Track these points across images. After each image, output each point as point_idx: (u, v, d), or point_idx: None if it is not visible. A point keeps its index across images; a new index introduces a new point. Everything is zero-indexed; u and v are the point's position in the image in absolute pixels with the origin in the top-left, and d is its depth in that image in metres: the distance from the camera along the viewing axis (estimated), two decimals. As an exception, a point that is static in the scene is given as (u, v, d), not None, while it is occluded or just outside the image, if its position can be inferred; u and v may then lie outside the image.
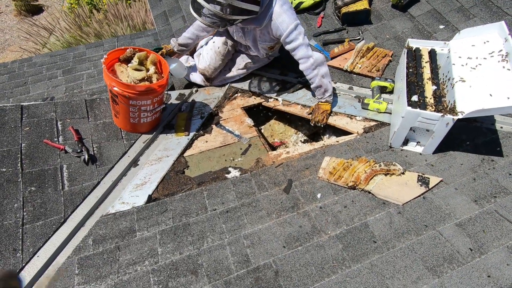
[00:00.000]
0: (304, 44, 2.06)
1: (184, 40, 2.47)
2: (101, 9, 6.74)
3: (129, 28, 6.25)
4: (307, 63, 2.10)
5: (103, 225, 1.66)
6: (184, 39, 2.47)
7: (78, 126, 2.06)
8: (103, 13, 6.67)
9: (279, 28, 2.01)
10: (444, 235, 1.51)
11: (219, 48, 2.42)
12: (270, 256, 1.50)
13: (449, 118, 1.64)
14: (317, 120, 2.23)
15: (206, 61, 2.47)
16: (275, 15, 1.98)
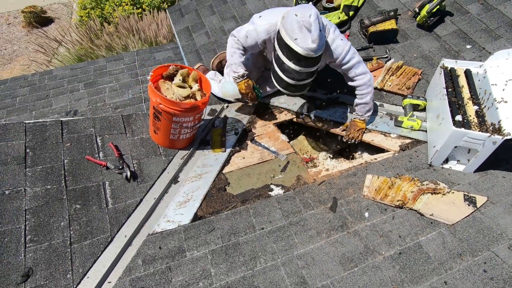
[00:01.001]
0: (361, 60, 2.12)
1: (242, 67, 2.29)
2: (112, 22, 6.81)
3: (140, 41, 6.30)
4: (365, 79, 2.13)
5: (151, 244, 1.63)
6: (241, 66, 2.28)
7: (116, 142, 2.05)
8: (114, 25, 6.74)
9: (334, 53, 2.04)
10: (500, 256, 1.51)
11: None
12: (327, 278, 1.48)
13: (497, 138, 1.66)
14: (352, 137, 2.25)
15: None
16: (330, 42, 2.02)
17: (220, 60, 2.85)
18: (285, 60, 1.86)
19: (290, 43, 1.78)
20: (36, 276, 1.43)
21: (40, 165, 1.77)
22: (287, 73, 1.91)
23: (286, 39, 1.79)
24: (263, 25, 2.04)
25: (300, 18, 1.75)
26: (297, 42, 1.75)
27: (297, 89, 2.01)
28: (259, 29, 2.05)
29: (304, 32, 1.75)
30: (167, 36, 6.11)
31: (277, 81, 2.02)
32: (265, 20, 2.06)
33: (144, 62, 3.81)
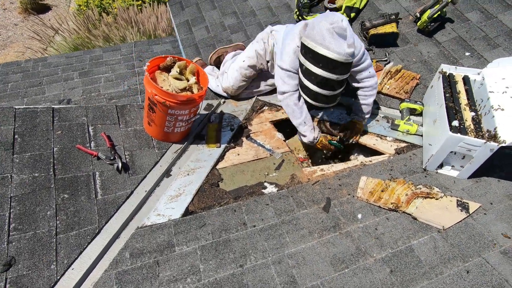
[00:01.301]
0: (371, 63, 2.10)
1: (317, 129, 2.22)
2: (111, 13, 6.72)
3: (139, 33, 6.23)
4: (373, 81, 2.12)
5: (140, 237, 1.60)
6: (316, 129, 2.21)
7: (109, 132, 2.01)
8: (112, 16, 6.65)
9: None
10: (490, 263, 1.51)
11: (246, 71, 2.41)
12: (318, 278, 1.46)
13: (493, 145, 1.66)
14: (350, 137, 2.23)
15: (230, 81, 2.46)
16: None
17: (218, 56, 2.82)
18: (318, 72, 1.77)
19: (324, 52, 1.70)
20: (18, 265, 1.38)
21: (28, 152, 1.72)
22: (322, 84, 1.83)
23: (318, 49, 1.71)
24: (287, 54, 1.96)
25: (331, 25, 1.71)
26: (332, 49, 1.69)
27: (331, 99, 1.94)
28: (289, 62, 1.96)
29: (336, 38, 1.70)
30: (166, 30, 6.05)
31: (309, 96, 1.92)
32: (284, 49, 1.99)
33: (141, 54, 3.75)
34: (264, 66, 2.45)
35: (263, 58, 2.39)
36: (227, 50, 2.82)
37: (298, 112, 2.10)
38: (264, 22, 3.26)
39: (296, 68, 1.99)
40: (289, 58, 1.97)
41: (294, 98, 2.07)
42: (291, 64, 1.97)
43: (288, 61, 1.97)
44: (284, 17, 3.24)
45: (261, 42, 2.35)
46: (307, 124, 2.13)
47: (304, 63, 1.83)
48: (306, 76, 1.87)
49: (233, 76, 2.45)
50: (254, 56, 2.38)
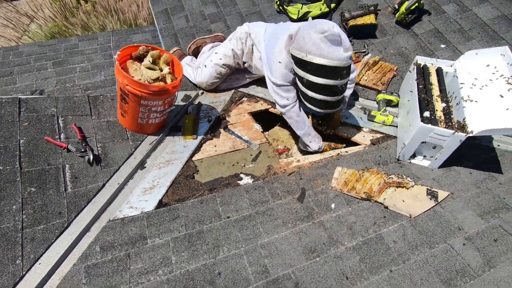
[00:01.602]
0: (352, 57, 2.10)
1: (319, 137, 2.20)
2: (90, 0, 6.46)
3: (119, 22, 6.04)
4: (353, 74, 2.14)
5: (111, 230, 1.57)
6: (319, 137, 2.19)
7: (80, 124, 1.95)
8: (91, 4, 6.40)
9: None
10: (455, 249, 1.56)
11: (222, 68, 2.37)
12: (289, 267, 1.48)
13: (461, 135, 1.71)
14: (327, 128, 2.25)
15: (205, 77, 2.42)
16: None
17: (197, 46, 2.76)
18: (323, 81, 1.76)
19: (324, 61, 1.69)
20: (-19, 261, 1.34)
21: (-8, 144, 1.65)
22: (329, 92, 1.81)
23: (317, 61, 1.69)
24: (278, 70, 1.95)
25: (322, 34, 1.69)
26: (331, 57, 1.68)
27: (339, 103, 1.92)
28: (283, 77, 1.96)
29: (331, 45, 1.69)
30: (147, 19, 5.88)
31: (318, 106, 1.90)
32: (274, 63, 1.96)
33: (119, 43, 3.64)
34: (240, 65, 2.41)
35: (240, 58, 2.35)
36: (206, 40, 2.76)
37: (302, 123, 2.11)
38: (244, 11, 3.21)
39: (289, 81, 1.98)
40: (280, 73, 1.96)
41: (296, 109, 2.07)
42: (284, 78, 1.97)
43: (280, 76, 1.96)
44: (265, 6, 3.20)
45: (239, 42, 2.29)
46: (311, 134, 2.13)
47: (305, 76, 1.80)
48: (310, 88, 1.84)
49: (207, 72, 2.41)
50: (231, 55, 2.33)
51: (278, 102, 2.07)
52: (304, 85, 1.86)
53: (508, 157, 2.04)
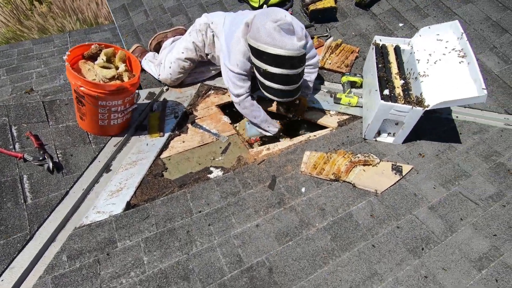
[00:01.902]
0: (312, 42, 2.13)
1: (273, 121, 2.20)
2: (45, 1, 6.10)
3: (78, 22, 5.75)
4: (315, 59, 2.17)
5: (78, 238, 1.52)
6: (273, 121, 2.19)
7: (37, 131, 1.85)
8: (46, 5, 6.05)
9: None
10: (420, 218, 1.63)
11: (185, 63, 2.31)
12: (262, 254, 1.50)
13: (419, 110, 1.77)
14: (295, 114, 2.26)
15: (168, 73, 2.36)
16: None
17: (158, 41, 2.68)
18: (279, 71, 1.76)
19: (278, 51, 1.69)
20: None
21: None
22: (285, 82, 1.82)
23: (271, 50, 1.69)
24: (236, 58, 1.92)
25: (276, 23, 1.69)
26: (285, 47, 1.68)
27: (296, 91, 1.94)
28: (240, 65, 1.93)
29: (285, 35, 1.69)
30: (108, 17, 5.64)
31: (275, 95, 1.91)
32: (232, 51, 1.94)
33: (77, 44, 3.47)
34: (204, 58, 2.37)
35: (202, 50, 2.30)
36: (167, 35, 2.69)
37: (257, 111, 2.11)
38: (205, 2, 3.14)
39: (246, 69, 1.97)
40: (238, 61, 1.93)
41: (250, 99, 2.07)
42: (242, 67, 1.95)
43: (238, 64, 1.94)
44: (226, -4, 3.13)
45: (199, 34, 2.24)
46: (268, 120, 2.14)
47: (262, 66, 1.80)
48: (266, 78, 1.85)
49: (170, 68, 2.35)
50: (193, 49, 2.28)
51: (232, 92, 2.05)
52: (261, 74, 1.86)
53: (466, 126, 2.14)
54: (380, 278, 1.42)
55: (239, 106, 2.10)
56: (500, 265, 1.47)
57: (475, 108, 2.25)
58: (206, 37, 2.24)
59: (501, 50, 2.47)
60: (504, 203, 1.70)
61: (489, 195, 1.74)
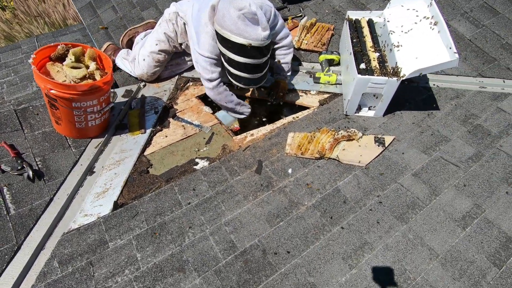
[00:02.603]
0: (283, 22, 2.10)
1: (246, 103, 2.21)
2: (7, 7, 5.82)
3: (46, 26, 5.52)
4: (288, 39, 2.15)
5: (67, 243, 1.50)
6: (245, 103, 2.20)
7: (11, 141, 1.80)
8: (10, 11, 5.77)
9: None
10: (404, 186, 1.68)
11: (159, 55, 2.25)
12: (255, 237, 1.51)
13: (394, 80, 1.79)
14: (277, 97, 2.26)
15: (143, 68, 2.30)
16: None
17: (129, 38, 2.60)
18: (243, 60, 1.78)
19: (240, 40, 1.69)
20: None
21: None
22: (250, 70, 1.83)
23: (234, 39, 1.69)
24: (205, 42, 1.89)
25: (240, 11, 1.66)
26: (248, 37, 1.67)
27: (263, 78, 1.96)
28: (210, 49, 1.90)
29: (249, 24, 1.67)
30: (76, 18, 5.43)
31: (241, 82, 1.94)
32: (200, 36, 1.91)
33: (46, 48, 3.34)
34: (178, 48, 2.31)
35: (175, 40, 2.24)
36: (138, 30, 2.61)
37: (230, 96, 2.09)
38: (174, -7, 3.05)
39: (217, 54, 1.94)
40: (208, 45, 1.90)
41: (221, 84, 2.05)
42: (211, 50, 1.92)
43: (208, 48, 1.91)
44: (195, -16, 3.05)
45: (170, 24, 2.18)
46: (241, 102, 2.14)
47: (227, 53, 1.80)
48: (232, 66, 1.86)
49: (145, 62, 2.29)
50: (165, 40, 2.22)
51: (205, 77, 2.00)
52: (226, 62, 1.87)
53: (443, 93, 2.18)
54: (370, 247, 1.46)
55: (212, 92, 2.05)
56: (482, 221, 1.53)
57: (450, 74, 2.29)
58: (177, 26, 2.19)
59: (472, 14, 2.51)
60: (483, 163, 1.76)
61: (468, 157, 1.79)
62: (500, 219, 1.54)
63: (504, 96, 2.13)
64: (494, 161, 1.77)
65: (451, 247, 1.45)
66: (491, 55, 2.34)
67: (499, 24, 2.45)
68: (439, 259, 1.42)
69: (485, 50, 2.37)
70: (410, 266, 1.40)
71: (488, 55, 2.35)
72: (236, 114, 2.18)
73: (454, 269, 1.39)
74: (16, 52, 3.35)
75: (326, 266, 1.41)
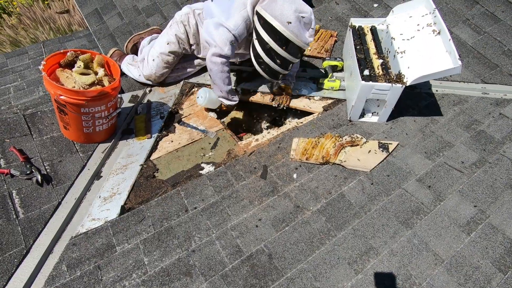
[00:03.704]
0: None
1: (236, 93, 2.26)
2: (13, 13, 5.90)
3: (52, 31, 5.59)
4: None
5: (75, 247, 1.52)
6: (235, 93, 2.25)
7: (21, 146, 1.82)
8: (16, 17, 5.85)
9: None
10: (409, 191, 1.69)
11: (168, 57, 2.29)
12: (261, 242, 1.53)
13: (398, 87, 1.81)
14: (281, 103, 2.29)
15: (152, 68, 2.34)
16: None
17: (134, 43, 2.65)
18: (283, 53, 1.91)
19: (291, 37, 1.83)
20: None
21: None
22: (281, 63, 1.97)
23: (287, 34, 1.83)
24: (237, 20, 1.95)
25: (300, 13, 1.82)
26: (300, 37, 1.84)
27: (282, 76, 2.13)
28: (239, 29, 1.96)
29: (302, 27, 1.86)
30: (82, 23, 5.50)
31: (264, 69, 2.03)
32: (232, 14, 1.96)
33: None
34: (188, 50, 2.35)
35: (185, 42, 2.28)
36: (142, 36, 2.65)
37: (229, 79, 2.12)
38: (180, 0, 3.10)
39: (241, 36, 2.01)
40: (239, 25, 1.96)
41: (228, 65, 2.07)
42: (239, 32, 1.98)
43: (237, 26, 1.95)
44: (200, -8, 3.10)
45: (181, 25, 2.22)
46: (233, 90, 2.20)
47: (270, 43, 1.89)
48: (269, 55, 1.95)
49: (154, 62, 2.33)
50: (175, 41, 2.26)
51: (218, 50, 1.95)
52: (264, 50, 1.94)
53: (446, 99, 2.20)
54: (375, 252, 1.48)
55: (216, 67, 2.00)
56: (487, 227, 1.54)
57: (453, 80, 2.31)
58: (189, 27, 2.23)
59: (473, 21, 2.54)
60: (486, 168, 1.78)
61: (472, 162, 1.81)
62: (504, 224, 1.55)
63: (506, 102, 2.15)
64: (497, 166, 1.78)
65: (456, 253, 1.46)
66: (493, 61, 2.37)
67: (500, 31, 2.47)
68: (444, 265, 1.42)
69: (487, 56, 2.39)
70: (416, 271, 1.41)
71: (490, 61, 2.37)
72: (224, 98, 2.16)
73: (459, 274, 1.40)
74: (23, 57, 3.40)
75: (332, 271, 1.42)
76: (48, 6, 5.94)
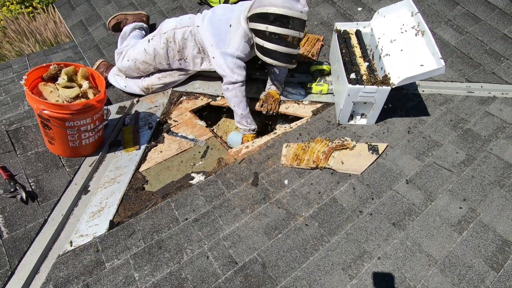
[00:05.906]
0: None
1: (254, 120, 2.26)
2: (-3, 26, 5.81)
3: (38, 44, 5.52)
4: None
5: (63, 265, 1.47)
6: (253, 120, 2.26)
7: (4, 163, 1.77)
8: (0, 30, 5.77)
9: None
10: (400, 192, 1.69)
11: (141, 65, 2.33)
12: (254, 251, 1.50)
13: (384, 89, 1.82)
14: (270, 109, 2.28)
15: (124, 66, 2.36)
16: None
17: (117, 21, 2.66)
18: (281, 31, 1.89)
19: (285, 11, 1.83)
20: None
21: None
22: (285, 42, 1.95)
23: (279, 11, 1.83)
24: (237, 42, 2.03)
25: None
26: (291, 8, 1.84)
27: (295, 57, 2.07)
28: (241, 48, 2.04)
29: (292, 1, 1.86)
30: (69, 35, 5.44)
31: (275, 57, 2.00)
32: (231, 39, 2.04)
33: (38, 67, 3.33)
34: (163, 66, 2.34)
35: (162, 57, 2.27)
36: (127, 17, 2.68)
37: (245, 104, 2.17)
38: (165, 9, 3.09)
39: (246, 53, 2.08)
40: (239, 44, 2.03)
41: (243, 89, 2.14)
42: (243, 50, 2.05)
43: (238, 46, 2.03)
44: (185, 1, 3.10)
45: (163, 39, 2.20)
46: (250, 116, 2.21)
47: (267, 28, 1.92)
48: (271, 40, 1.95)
49: (128, 63, 2.35)
50: (152, 54, 2.26)
51: (229, 78, 2.08)
52: (266, 39, 1.95)
53: (432, 99, 2.23)
54: (369, 255, 1.47)
55: (230, 93, 2.12)
56: (478, 225, 1.55)
57: (438, 80, 2.35)
58: (175, 44, 2.21)
59: (455, 22, 2.59)
60: (475, 167, 1.79)
61: (460, 161, 1.82)
62: (495, 222, 1.56)
63: (491, 100, 2.19)
64: (485, 164, 1.80)
65: (449, 253, 1.46)
66: (476, 60, 2.41)
67: (482, 31, 2.53)
68: (438, 265, 1.42)
69: (470, 56, 2.44)
70: (410, 273, 1.41)
71: (473, 60, 2.42)
72: (241, 124, 2.22)
73: (453, 274, 1.40)
74: (7, 71, 3.34)
75: (327, 278, 1.41)
76: (33, 17, 5.88)
